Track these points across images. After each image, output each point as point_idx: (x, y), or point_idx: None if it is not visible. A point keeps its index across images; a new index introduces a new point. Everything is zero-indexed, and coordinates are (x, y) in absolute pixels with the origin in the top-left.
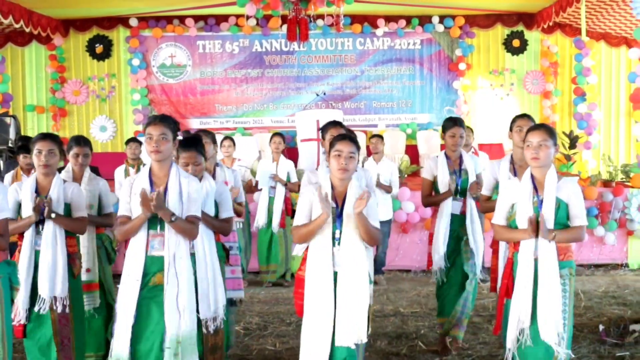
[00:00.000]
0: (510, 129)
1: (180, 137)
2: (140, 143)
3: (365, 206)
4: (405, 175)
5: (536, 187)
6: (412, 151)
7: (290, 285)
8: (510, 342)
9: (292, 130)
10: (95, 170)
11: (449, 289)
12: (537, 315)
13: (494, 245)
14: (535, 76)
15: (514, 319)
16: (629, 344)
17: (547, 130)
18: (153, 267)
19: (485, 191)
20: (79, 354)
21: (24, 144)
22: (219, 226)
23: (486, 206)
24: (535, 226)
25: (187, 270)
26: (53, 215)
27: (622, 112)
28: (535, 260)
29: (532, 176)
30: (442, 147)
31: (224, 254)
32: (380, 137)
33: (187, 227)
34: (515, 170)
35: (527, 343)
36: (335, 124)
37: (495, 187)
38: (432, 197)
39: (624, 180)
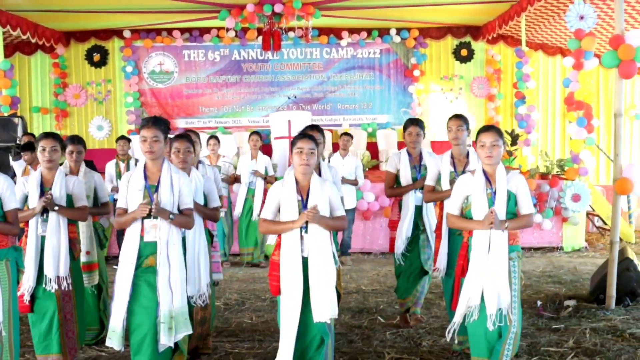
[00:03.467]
0: (446, 129)
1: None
2: (128, 141)
3: (314, 218)
4: (367, 169)
5: (489, 181)
6: (372, 147)
7: (266, 266)
8: (458, 316)
9: (266, 129)
10: (90, 163)
11: (408, 272)
12: (484, 291)
13: (438, 231)
14: (480, 81)
15: (465, 296)
16: (564, 318)
17: (497, 131)
18: (146, 251)
19: (429, 181)
20: (81, 326)
21: (28, 143)
22: (210, 214)
23: (430, 196)
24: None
25: (178, 254)
26: (56, 208)
27: (558, 113)
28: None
29: (484, 171)
30: (400, 144)
31: (210, 239)
32: (351, 135)
33: (184, 221)
34: (455, 164)
35: (474, 317)
36: (311, 128)
37: (438, 179)
38: (395, 189)
39: (559, 173)
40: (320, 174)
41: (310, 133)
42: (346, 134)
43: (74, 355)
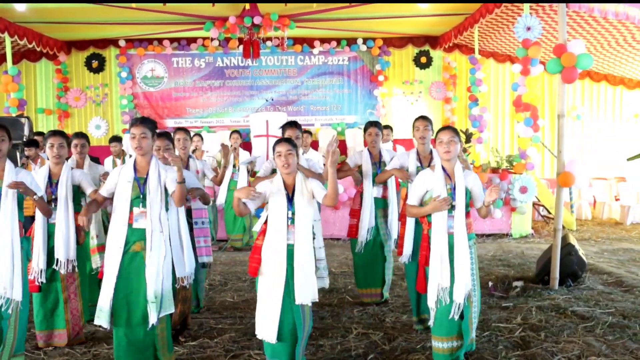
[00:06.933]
0: (412, 128)
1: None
2: (119, 141)
3: (334, 155)
4: (336, 164)
5: (449, 176)
6: (341, 145)
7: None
8: (432, 302)
9: (247, 128)
10: (96, 160)
11: (366, 262)
12: (454, 280)
13: (402, 218)
14: (438, 86)
15: (434, 284)
16: (512, 297)
17: (453, 129)
18: (134, 237)
19: (389, 167)
20: (84, 304)
21: (32, 140)
22: (201, 193)
23: (381, 177)
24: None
25: (165, 239)
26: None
27: (507, 114)
28: (449, 234)
29: (443, 168)
30: (366, 142)
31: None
32: (310, 132)
33: (183, 191)
34: (420, 160)
35: (445, 302)
36: (290, 124)
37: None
38: (342, 172)
39: (508, 167)
40: None
41: (288, 130)
42: (306, 132)
43: (78, 330)
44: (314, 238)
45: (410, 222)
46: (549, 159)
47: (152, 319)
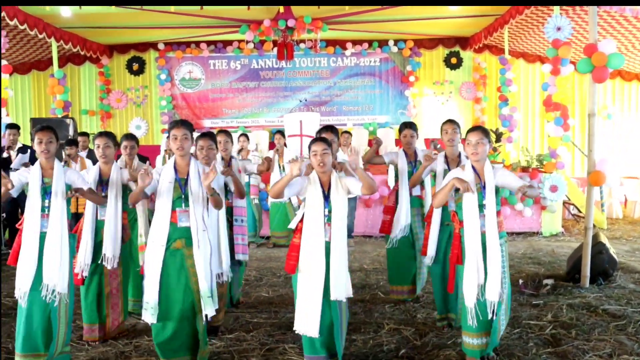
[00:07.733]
0: (441, 132)
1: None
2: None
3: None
4: (368, 164)
5: (478, 175)
6: (372, 145)
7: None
8: (470, 301)
9: (281, 128)
10: (144, 159)
11: (398, 258)
12: (486, 278)
13: (427, 219)
14: (468, 86)
15: (472, 281)
16: (543, 294)
17: (483, 130)
18: (175, 235)
19: (424, 174)
20: (125, 300)
21: (70, 139)
22: (242, 188)
23: (415, 180)
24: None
25: (208, 237)
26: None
27: (537, 114)
28: (482, 233)
29: (473, 167)
30: (397, 141)
31: (229, 225)
32: (350, 133)
33: (219, 200)
34: (448, 162)
35: (480, 299)
36: (326, 128)
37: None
38: (374, 158)
39: (538, 166)
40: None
41: (324, 134)
42: (346, 132)
43: (117, 325)
44: (349, 236)
45: (435, 224)
46: (580, 158)
47: (210, 313)
